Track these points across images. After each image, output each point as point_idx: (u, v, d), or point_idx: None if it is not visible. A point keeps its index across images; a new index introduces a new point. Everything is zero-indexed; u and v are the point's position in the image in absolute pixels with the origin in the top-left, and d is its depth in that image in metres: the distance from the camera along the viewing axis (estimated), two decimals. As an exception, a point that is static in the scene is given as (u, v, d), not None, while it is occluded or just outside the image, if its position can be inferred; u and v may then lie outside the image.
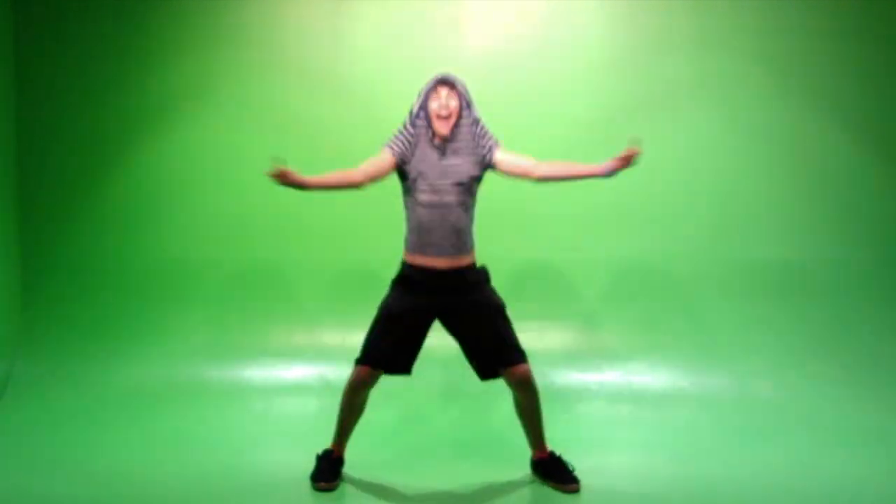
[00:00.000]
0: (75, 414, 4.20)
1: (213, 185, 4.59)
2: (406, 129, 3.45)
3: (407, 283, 3.46)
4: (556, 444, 3.62)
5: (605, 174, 3.40)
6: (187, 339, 4.57)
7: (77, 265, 4.63)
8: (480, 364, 3.51)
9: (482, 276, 3.51)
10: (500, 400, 3.63)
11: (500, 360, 3.47)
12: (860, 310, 4.49)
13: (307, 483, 3.53)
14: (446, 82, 3.42)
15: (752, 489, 3.53)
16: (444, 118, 3.39)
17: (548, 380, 4.27)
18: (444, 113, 3.39)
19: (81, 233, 4.63)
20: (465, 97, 3.43)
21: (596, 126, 4.51)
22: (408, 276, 3.46)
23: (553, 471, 3.56)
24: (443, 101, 3.39)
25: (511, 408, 3.61)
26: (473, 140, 3.44)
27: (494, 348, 3.47)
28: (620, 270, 4.56)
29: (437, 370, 3.90)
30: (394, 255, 3.56)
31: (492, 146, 3.46)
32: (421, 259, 3.42)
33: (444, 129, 3.39)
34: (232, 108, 4.57)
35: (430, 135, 3.41)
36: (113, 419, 4.16)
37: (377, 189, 4.13)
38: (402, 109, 4.41)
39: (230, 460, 3.78)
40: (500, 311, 3.49)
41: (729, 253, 4.53)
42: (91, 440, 3.96)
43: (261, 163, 3.49)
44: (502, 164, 3.46)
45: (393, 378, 3.56)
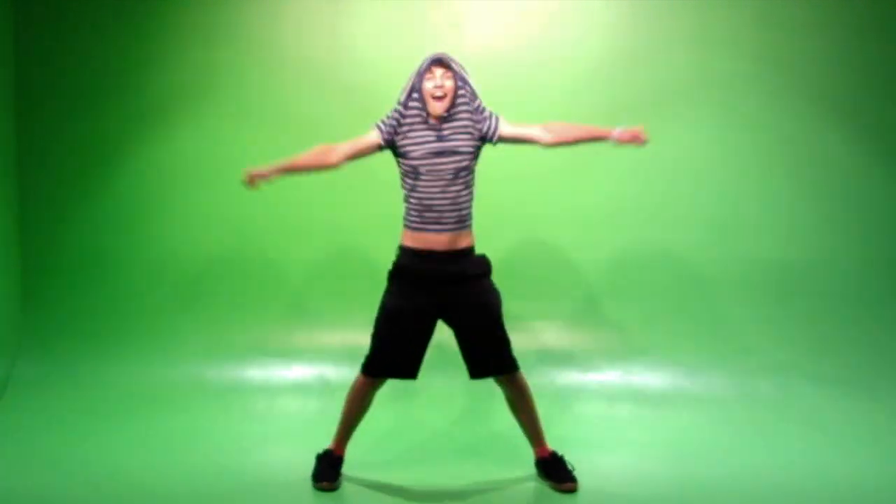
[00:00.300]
0: (75, 414, 4.20)
1: (212, 185, 4.58)
2: (397, 109, 3.41)
3: (405, 277, 3.42)
4: (556, 444, 3.62)
5: (615, 140, 3.38)
6: (187, 339, 4.57)
7: (77, 265, 4.63)
8: (472, 366, 3.50)
9: (483, 268, 3.47)
10: (500, 400, 3.63)
11: (493, 368, 3.48)
12: (860, 309, 4.49)
13: (307, 483, 3.53)
14: (441, 62, 3.37)
15: (752, 489, 3.53)
16: (439, 98, 3.34)
17: (548, 380, 4.27)
18: (438, 93, 3.34)
19: (81, 233, 4.63)
20: (460, 76, 3.39)
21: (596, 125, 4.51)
22: (406, 268, 3.42)
23: (552, 470, 3.56)
24: (437, 80, 3.34)
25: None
26: (471, 117, 3.40)
27: (489, 355, 3.46)
28: (620, 270, 4.56)
29: (438, 370, 3.89)
30: (394, 255, 3.55)
31: (495, 122, 3.42)
32: (421, 239, 3.37)
33: (439, 109, 3.34)
34: (232, 108, 4.57)
35: (425, 115, 3.37)
36: (113, 419, 4.16)
37: (377, 189, 4.15)
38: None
39: (230, 460, 3.77)
40: (496, 317, 3.45)
41: (729, 253, 4.53)
42: (91, 440, 3.96)
43: (260, 162, 3.50)
44: (510, 135, 3.43)
45: (392, 380, 3.56)
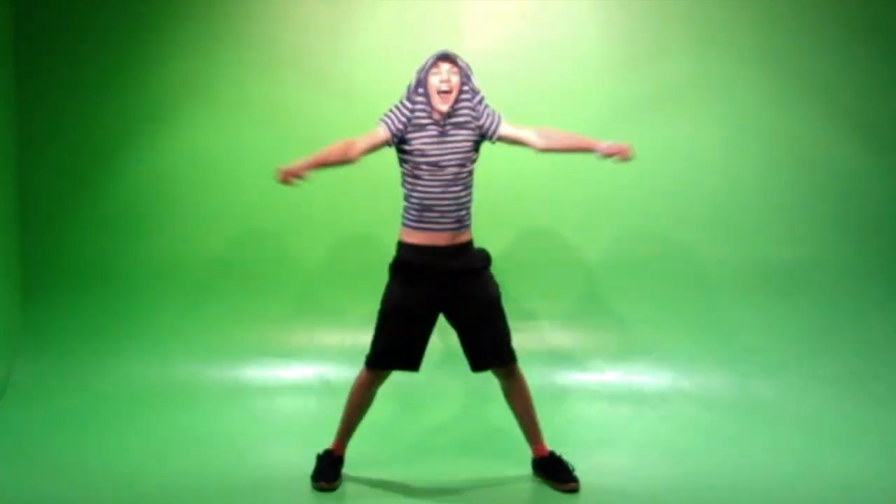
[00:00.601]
0: (75, 414, 4.20)
1: (213, 185, 4.58)
2: (403, 104, 3.41)
3: (407, 273, 3.43)
4: (556, 444, 3.62)
5: (602, 153, 3.40)
6: (187, 339, 4.56)
7: (77, 265, 4.63)
8: (474, 359, 3.52)
9: (483, 262, 3.48)
10: (500, 398, 3.63)
11: (493, 359, 3.49)
12: (860, 310, 4.49)
13: (307, 483, 3.53)
14: (447, 58, 3.38)
15: (752, 489, 3.53)
16: (444, 93, 3.35)
17: (548, 380, 4.27)
18: (444, 88, 3.34)
19: (81, 233, 4.62)
20: (465, 73, 3.40)
21: (596, 126, 4.48)
22: (407, 263, 3.42)
23: (553, 470, 3.55)
24: (444, 76, 3.35)
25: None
26: (473, 114, 3.41)
27: (490, 347, 3.48)
28: (620, 270, 4.56)
29: (438, 368, 3.89)
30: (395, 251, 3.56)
31: (497, 120, 3.44)
32: (421, 236, 3.38)
33: (444, 104, 3.35)
34: (232, 108, 4.57)
35: (430, 110, 3.37)
36: (113, 419, 4.16)
37: (378, 190, 4.16)
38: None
39: (230, 460, 3.77)
40: (498, 308, 3.47)
41: (729, 253, 4.53)
42: (91, 440, 3.96)
43: (261, 162, 3.52)
44: (506, 136, 3.46)
45: (394, 376, 3.56)
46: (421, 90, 3.38)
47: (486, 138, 3.46)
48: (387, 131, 3.39)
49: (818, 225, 4.52)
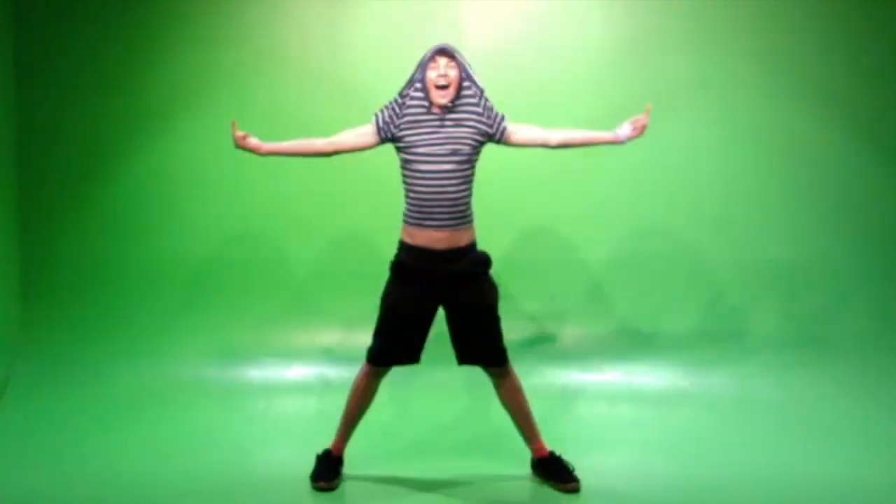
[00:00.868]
0: (75, 414, 4.20)
1: (213, 185, 4.59)
2: (396, 100, 3.39)
3: (405, 275, 3.42)
4: (556, 444, 3.62)
5: (621, 142, 3.42)
6: (187, 339, 4.57)
7: (77, 265, 4.63)
8: (460, 353, 3.53)
9: (483, 266, 3.47)
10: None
11: (479, 359, 3.50)
12: (860, 309, 4.49)
13: (307, 483, 3.53)
14: (445, 52, 3.35)
15: (753, 489, 3.53)
16: (442, 88, 3.32)
17: (548, 380, 4.27)
18: (442, 82, 3.31)
19: (81, 233, 4.62)
20: (465, 68, 3.37)
21: (596, 126, 4.49)
22: (406, 265, 3.42)
23: (553, 470, 3.55)
24: (441, 70, 3.32)
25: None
26: (477, 112, 3.38)
27: (478, 348, 3.48)
28: (620, 270, 4.56)
29: (437, 368, 3.89)
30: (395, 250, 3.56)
31: (502, 122, 3.42)
32: (420, 236, 3.37)
33: (442, 98, 3.32)
34: (232, 108, 4.54)
35: (428, 104, 3.35)
36: (113, 419, 4.16)
37: (377, 188, 4.15)
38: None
39: (230, 460, 3.77)
40: (492, 314, 3.47)
41: (729, 253, 4.53)
42: (91, 440, 3.96)
43: (260, 163, 3.50)
44: (514, 136, 3.43)
45: (392, 376, 3.57)
46: (418, 85, 3.37)
47: (493, 141, 3.45)
48: (374, 125, 3.39)
49: (818, 225, 4.52)
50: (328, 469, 3.55)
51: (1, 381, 4.40)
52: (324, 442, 3.64)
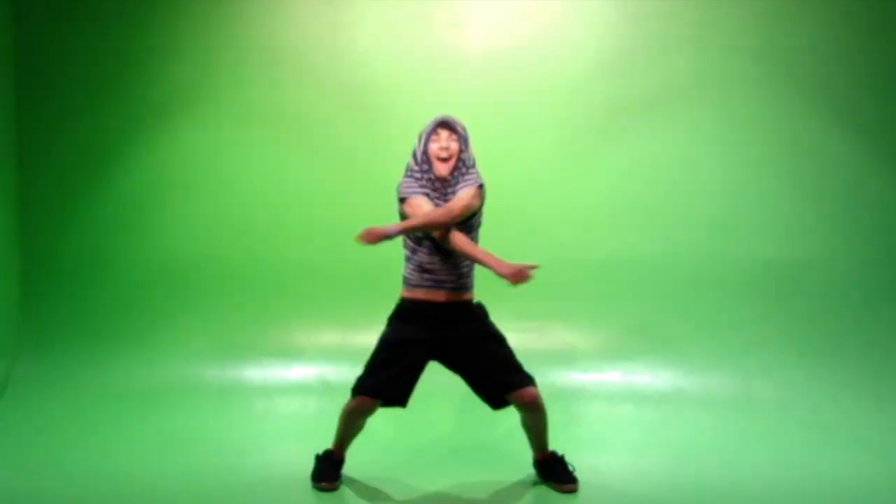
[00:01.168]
0: (75, 414, 4.20)
1: (213, 186, 4.59)
2: (414, 171, 3.42)
3: (405, 316, 3.46)
4: (556, 444, 3.62)
5: (500, 273, 3.23)
6: (187, 339, 4.57)
7: (77, 265, 4.63)
8: (488, 393, 3.49)
9: (480, 312, 3.52)
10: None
11: (505, 385, 3.45)
12: (860, 309, 4.49)
13: (307, 483, 3.54)
14: (446, 124, 3.42)
15: (753, 489, 3.53)
16: (444, 160, 3.39)
17: (548, 380, 4.26)
18: (444, 155, 3.39)
19: (81, 233, 4.63)
20: (464, 139, 3.43)
21: (596, 125, 4.52)
22: (406, 310, 3.46)
23: (553, 470, 3.56)
24: (443, 142, 3.40)
25: (511, 412, 3.58)
26: (471, 183, 3.40)
27: (498, 375, 3.45)
28: (620, 270, 4.56)
29: (438, 374, 3.88)
30: (394, 255, 3.56)
31: (465, 183, 3.39)
32: (421, 293, 3.42)
33: (444, 170, 3.39)
34: (232, 108, 4.57)
35: (431, 176, 3.41)
36: (113, 419, 4.16)
37: (377, 189, 4.15)
38: (402, 109, 4.45)
39: (230, 460, 3.78)
40: (500, 339, 3.49)
41: (729, 253, 4.53)
42: (91, 440, 3.96)
43: (261, 163, 3.52)
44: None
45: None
46: (423, 157, 3.42)
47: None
48: (422, 198, 3.36)
49: (818, 225, 4.52)
50: (329, 469, 3.56)
51: (1, 381, 4.39)
52: (323, 442, 3.64)
